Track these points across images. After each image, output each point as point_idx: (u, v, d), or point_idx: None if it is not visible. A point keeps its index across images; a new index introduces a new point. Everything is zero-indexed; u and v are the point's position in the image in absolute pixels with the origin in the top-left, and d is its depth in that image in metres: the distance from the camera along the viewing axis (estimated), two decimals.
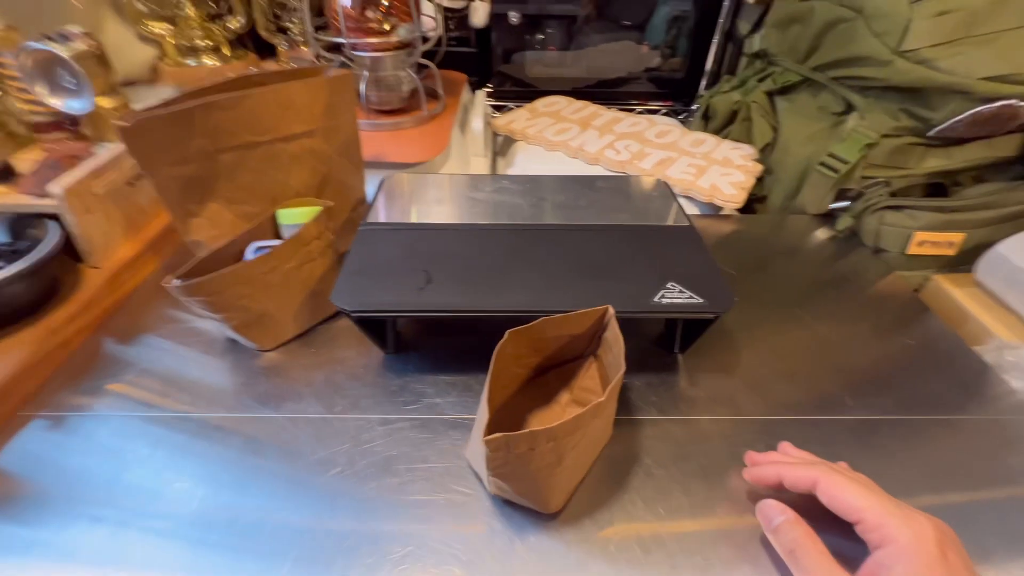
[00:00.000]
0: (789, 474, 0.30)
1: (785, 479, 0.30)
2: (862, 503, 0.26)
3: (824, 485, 0.28)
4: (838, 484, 0.27)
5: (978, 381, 0.42)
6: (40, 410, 0.38)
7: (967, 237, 0.54)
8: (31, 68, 0.50)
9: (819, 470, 0.29)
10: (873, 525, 0.26)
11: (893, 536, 0.25)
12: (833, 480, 0.28)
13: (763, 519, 0.30)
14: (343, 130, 0.49)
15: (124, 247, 0.51)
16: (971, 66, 0.49)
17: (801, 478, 0.29)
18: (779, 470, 0.30)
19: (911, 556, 0.24)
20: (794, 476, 0.30)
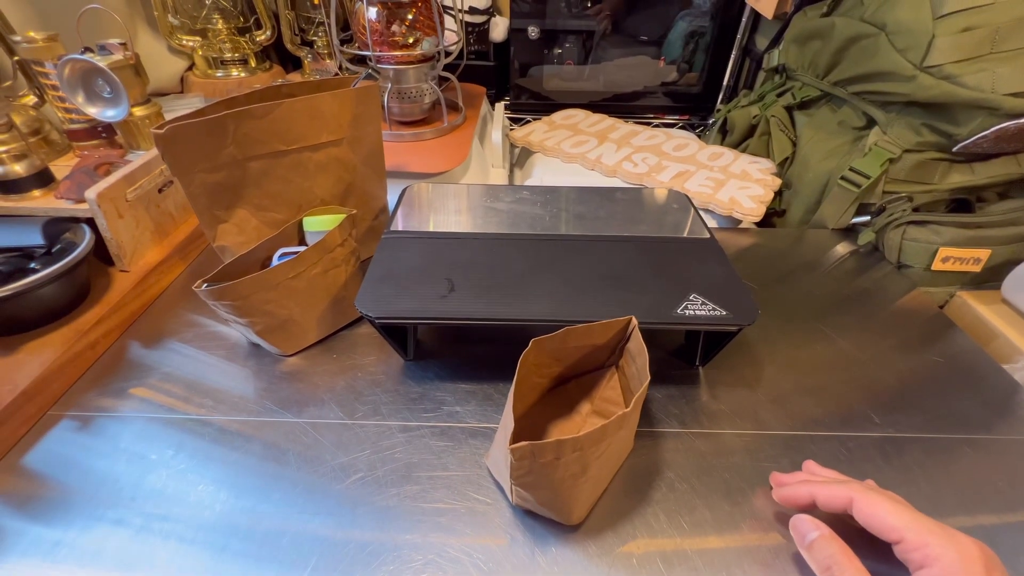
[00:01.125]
0: (822, 493, 0.29)
1: (818, 498, 0.29)
2: (902, 522, 0.26)
3: (861, 504, 0.27)
4: (875, 502, 0.27)
5: (1008, 400, 0.41)
6: (68, 410, 0.39)
7: (993, 253, 0.53)
8: (70, 78, 0.52)
9: (853, 488, 0.28)
10: (915, 545, 0.25)
11: (937, 555, 0.24)
12: (870, 498, 0.27)
13: (797, 535, 0.29)
14: (368, 140, 0.49)
15: (152, 251, 0.52)
16: (996, 82, 0.48)
17: (835, 497, 0.28)
18: (811, 489, 0.30)
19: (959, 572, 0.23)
20: (828, 495, 0.29)
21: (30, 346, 0.41)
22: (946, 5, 0.50)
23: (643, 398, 0.30)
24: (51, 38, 0.54)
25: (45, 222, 0.45)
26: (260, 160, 0.43)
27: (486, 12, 0.91)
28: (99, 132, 0.58)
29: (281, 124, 0.43)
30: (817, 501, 0.29)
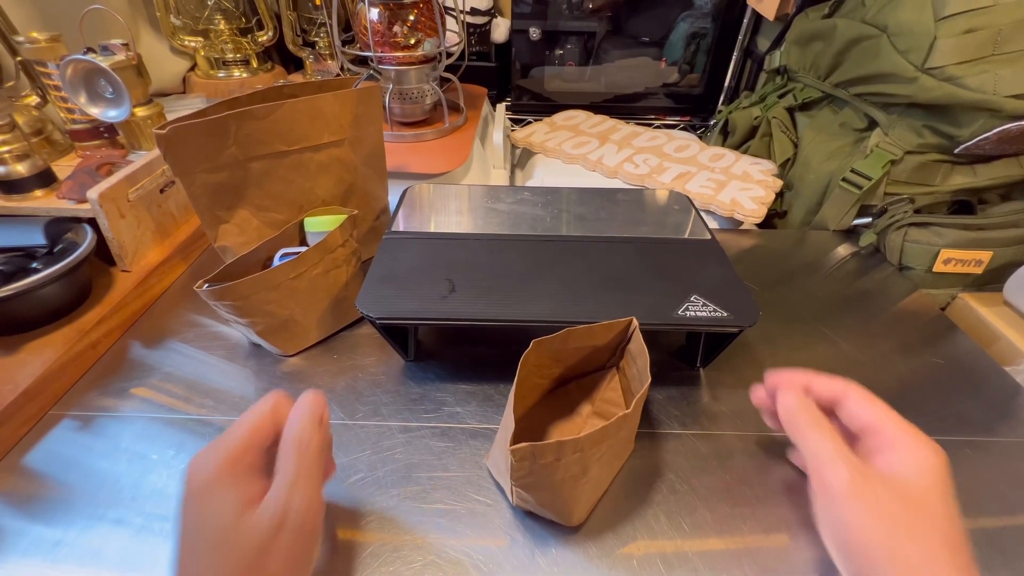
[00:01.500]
0: (819, 380, 0.30)
1: (813, 385, 0.30)
2: (889, 417, 0.27)
3: (857, 394, 0.28)
4: (870, 397, 0.28)
5: (1010, 402, 0.41)
6: (69, 410, 0.39)
7: (994, 255, 0.53)
8: (72, 78, 0.52)
9: (851, 382, 0.29)
10: (891, 439, 0.27)
11: (912, 445, 0.26)
12: (865, 392, 0.28)
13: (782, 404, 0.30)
14: (369, 140, 0.50)
15: (154, 251, 0.52)
16: (998, 84, 0.48)
17: (831, 386, 0.29)
18: (808, 377, 0.30)
19: (925, 468, 0.25)
20: (823, 383, 0.30)
21: (31, 346, 0.41)
22: (948, 7, 0.50)
23: (644, 399, 0.30)
24: (54, 38, 0.54)
25: (47, 222, 0.45)
26: (261, 160, 0.43)
27: (487, 13, 0.91)
28: (101, 132, 0.58)
29: (283, 125, 0.43)
30: (813, 386, 0.30)
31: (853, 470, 0.25)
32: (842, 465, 0.25)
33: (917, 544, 0.23)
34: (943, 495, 0.25)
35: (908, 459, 0.26)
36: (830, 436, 0.27)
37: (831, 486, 0.25)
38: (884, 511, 0.24)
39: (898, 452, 0.26)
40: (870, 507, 0.24)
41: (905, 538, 0.23)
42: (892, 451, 0.26)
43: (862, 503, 0.24)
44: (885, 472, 0.26)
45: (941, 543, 0.24)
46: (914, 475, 0.25)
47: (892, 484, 0.25)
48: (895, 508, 0.24)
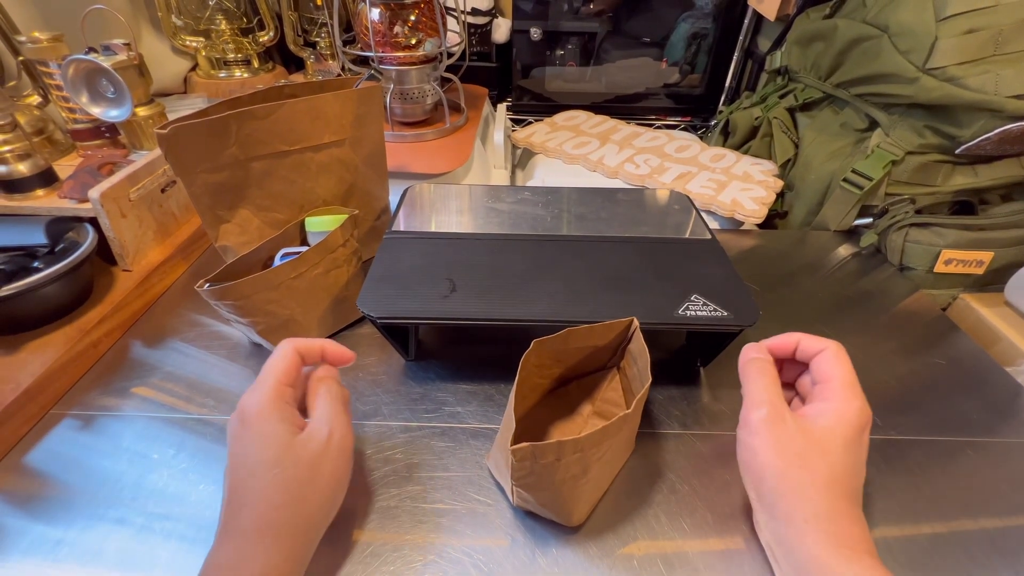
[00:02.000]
0: (808, 338, 0.32)
1: (802, 341, 0.32)
2: (842, 374, 0.30)
3: (832, 351, 0.31)
4: (842, 356, 0.30)
5: (1011, 403, 0.41)
6: (70, 409, 0.39)
7: (996, 256, 0.53)
8: (74, 78, 0.52)
9: (834, 343, 0.31)
10: (832, 391, 0.29)
11: (842, 399, 0.29)
12: (840, 352, 0.31)
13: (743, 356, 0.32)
14: (370, 140, 0.50)
15: (155, 251, 0.52)
16: (1000, 84, 0.48)
17: (817, 344, 0.31)
18: (800, 336, 0.32)
19: (842, 419, 0.28)
20: (811, 341, 0.32)
21: (33, 345, 0.41)
22: (949, 7, 0.50)
23: (644, 399, 0.30)
24: (55, 38, 0.54)
25: (48, 221, 0.45)
26: (262, 160, 0.44)
27: (488, 13, 0.91)
28: (103, 132, 0.58)
29: (283, 124, 0.43)
30: (800, 343, 0.32)
31: (772, 409, 0.28)
32: (765, 405, 0.29)
33: (807, 471, 0.27)
34: (847, 444, 0.27)
35: (832, 408, 0.28)
36: (766, 383, 0.30)
37: (750, 420, 0.29)
38: (787, 443, 0.28)
39: (828, 402, 0.29)
40: (776, 439, 0.28)
41: (797, 464, 0.27)
42: (824, 401, 0.29)
43: (770, 435, 0.28)
44: (807, 415, 0.29)
45: (829, 476, 0.26)
46: (830, 422, 0.28)
47: (805, 426, 0.28)
48: (798, 442, 0.27)
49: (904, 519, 0.33)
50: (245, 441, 0.28)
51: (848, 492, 0.27)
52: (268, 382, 0.29)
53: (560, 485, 0.28)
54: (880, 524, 0.32)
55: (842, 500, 0.26)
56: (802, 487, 0.27)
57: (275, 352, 0.30)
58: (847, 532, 0.26)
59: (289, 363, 0.30)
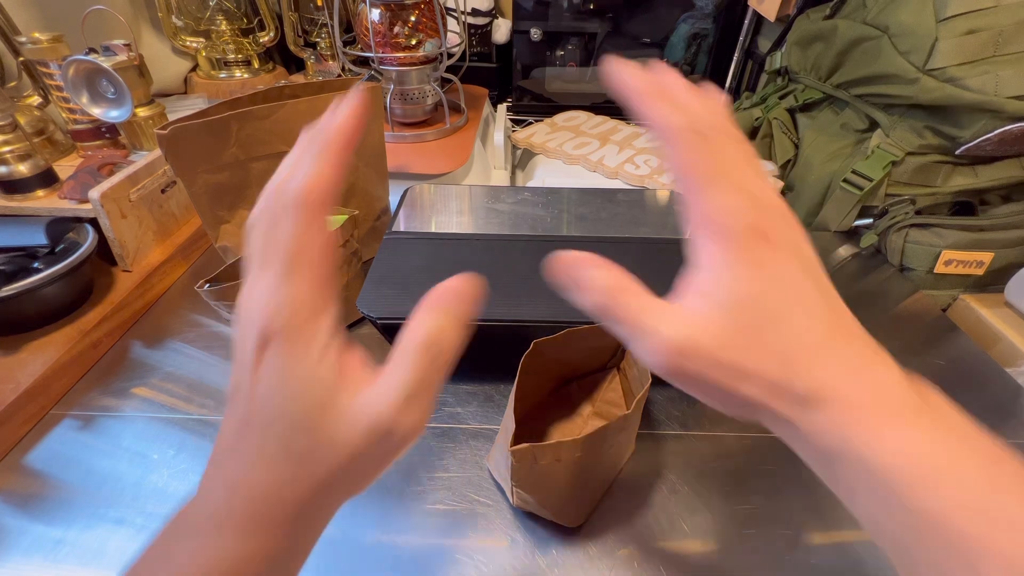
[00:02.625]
0: (653, 100, 0.18)
1: (644, 102, 0.18)
2: (712, 173, 0.17)
3: (683, 132, 0.17)
4: (704, 143, 0.17)
5: (1011, 403, 0.41)
6: (70, 409, 0.39)
7: (996, 256, 0.53)
8: (74, 78, 0.52)
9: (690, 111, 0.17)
10: (700, 219, 0.17)
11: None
12: (703, 135, 0.17)
13: (572, 272, 0.19)
14: (370, 141, 0.50)
15: (155, 251, 0.52)
16: (1000, 85, 0.48)
17: (665, 116, 0.17)
18: (646, 87, 0.18)
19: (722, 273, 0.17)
20: (656, 104, 0.18)
21: (33, 345, 0.41)
22: (949, 8, 0.50)
23: (644, 400, 0.30)
24: (56, 39, 0.54)
25: (49, 222, 0.45)
26: (263, 161, 0.44)
27: (488, 14, 0.91)
28: (103, 132, 0.58)
29: (284, 125, 0.43)
30: (641, 104, 0.18)
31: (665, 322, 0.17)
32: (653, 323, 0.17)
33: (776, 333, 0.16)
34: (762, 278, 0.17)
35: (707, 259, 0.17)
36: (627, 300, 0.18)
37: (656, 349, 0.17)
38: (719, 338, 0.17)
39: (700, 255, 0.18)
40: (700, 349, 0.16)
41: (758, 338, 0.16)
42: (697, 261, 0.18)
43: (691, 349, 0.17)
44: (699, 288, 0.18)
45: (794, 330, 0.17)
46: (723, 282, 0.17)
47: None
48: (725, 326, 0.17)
49: None
50: (263, 375, 0.16)
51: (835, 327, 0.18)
52: (305, 270, 0.16)
53: (560, 486, 0.28)
54: None
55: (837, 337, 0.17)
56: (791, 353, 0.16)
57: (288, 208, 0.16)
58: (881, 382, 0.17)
59: (324, 234, 0.17)
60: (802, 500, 0.34)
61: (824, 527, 0.32)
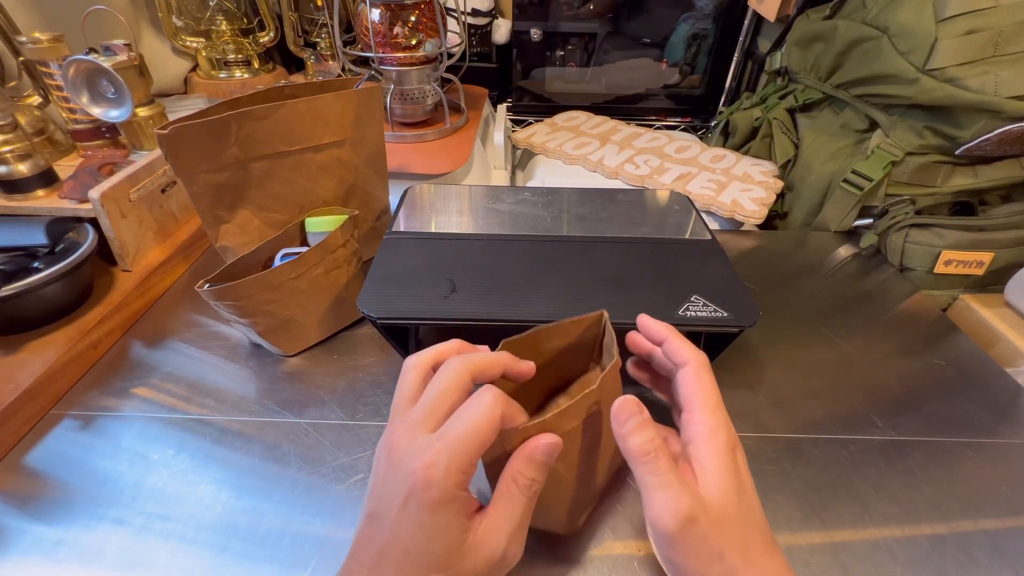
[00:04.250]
0: (677, 339, 0.29)
1: (670, 341, 0.29)
2: (709, 400, 0.27)
3: (698, 368, 0.28)
4: (710, 379, 0.27)
5: (1011, 403, 0.41)
6: (70, 409, 0.39)
7: (996, 257, 0.53)
8: (74, 78, 0.52)
9: (701, 356, 0.28)
10: (699, 418, 0.26)
11: (712, 426, 0.26)
12: (709, 372, 0.28)
13: (618, 417, 0.26)
14: (370, 141, 0.50)
15: (155, 251, 0.52)
16: (999, 85, 0.48)
17: (682, 352, 0.28)
18: (671, 332, 0.30)
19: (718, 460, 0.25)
20: (681, 343, 0.29)
21: (33, 345, 0.41)
22: (949, 8, 0.50)
23: (615, 378, 0.29)
24: (56, 39, 0.54)
25: (49, 222, 0.45)
26: (263, 161, 0.44)
27: (488, 14, 0.91)
28: (103, 132, 0.58)
29: (284, 125, 0.43)
30: (667, 342, 0.30)
31: (688, 504, 0.24)
32: (680, 500, 0.24)
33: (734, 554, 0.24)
34: (738, 496, 0.25)
35: (703, 470, 0.25)
36: (666, 464, 0.25)
37: (664, 525, 0.24)
38: (711, 542, 0.24)
39: (698, 458, 0.26)
40: (698, 544, 0.24)
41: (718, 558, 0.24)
42: (694, 456, 0.26)
43: (692, 541, 0.24)
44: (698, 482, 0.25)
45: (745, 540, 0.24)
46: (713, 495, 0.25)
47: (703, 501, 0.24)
48: (714, 538, 0.24)
49: (904, 519, 0.33)
50: (409, 515, 0.22)
51: (765, 533, 0.25)
52: (460, 448, 0.22)
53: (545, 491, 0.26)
54: (880, 524, 0.32)
55: (765, 550, 0.24)
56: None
57: (482, 406, 0.23)
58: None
59: (488, 436, 0.23)
60: (800, 500, 0.34)
61: (820, 527, 0.32)
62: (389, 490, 0.23)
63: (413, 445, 0.23)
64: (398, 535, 0.22)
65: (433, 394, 0.24)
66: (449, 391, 0.24)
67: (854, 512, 0.33)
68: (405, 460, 0.23)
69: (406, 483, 0.22)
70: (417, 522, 0.22)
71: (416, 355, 0.27)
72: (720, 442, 0.25)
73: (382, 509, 0.23)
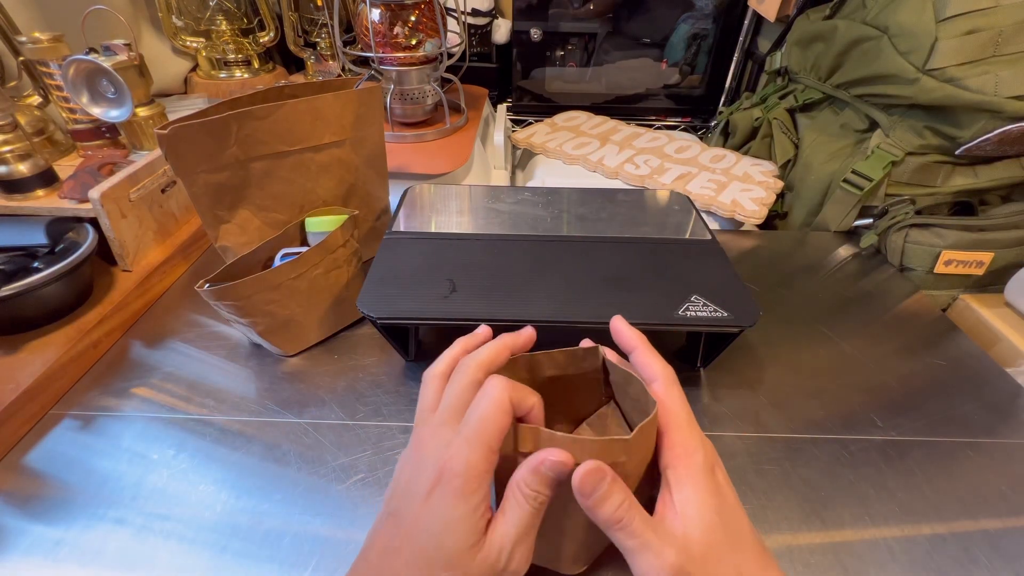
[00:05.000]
0: (647, 351, 0.28)
1: (636, 354, 0.29)
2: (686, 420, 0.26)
3: (667, 384, 0.27)
4: (680, 394, 0.27)
5: (1011, 404, 0.41)
6: (70, 409, 0.39)
7: (996, 257, 0.53)
8: (74, 78, 0.52)
9: (669, 371, 0.27)
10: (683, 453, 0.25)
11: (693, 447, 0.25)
12: (678, 387, 0.27)
13: (585, 484, 0.23)
14: (370, 141, 0.50)
15: (155, 251, 0.52)
16: (999, 85, 0.48)
17: (651, 364, 0.28)
18: (641, 342, 0.29)
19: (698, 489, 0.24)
20: (650, 356, 0.28)
21: (32, 345, 0.41)
22: (949, 8, 0.50)
23: (649, 435, 0.25)
24: (56, 39, 0.54)
25: (49, 221, 0.45)
26: (263, 161, 0.44)
27: (488, 14, 0.91)
28: (103, 132, 0.58)
29: (284, 125, 0.43)
30: (635, 354, 0.29)
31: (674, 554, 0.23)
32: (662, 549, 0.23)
33: None
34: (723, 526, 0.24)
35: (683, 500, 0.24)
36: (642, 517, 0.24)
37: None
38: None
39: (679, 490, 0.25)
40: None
41: None
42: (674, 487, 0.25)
43: None
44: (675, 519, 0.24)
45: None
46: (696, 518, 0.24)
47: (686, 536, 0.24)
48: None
49: (904, 519, 0.33)
50: (432, 507, 0.23)
51: (757, 551, 0.25)
52: (485, 439, 0.23)
53: (548, 526, 0.25)
54: (880, 524, 0.32)
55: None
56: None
57: (489, 395, 0.24)
58: None
59: (508, 421, 0.23)
60: (800, 500, 0.34)
61: (820, 527, 0.32)
62: (414, 487, 0.24)
63: (439, 443, 0.24)
64: (415, 530, 0.23)
65: (451, 396, 0.26)
66: (464, 389, 0.25)
67: (854, 512, 0.33)
68: (432, 456, 0.24)
69: (432, 475, 0.23)
70: (438, 514, 0.23)
71: (431, 367, 0.28)
72: (698, 463, 0.25)
73: (404, 505, 0.24)
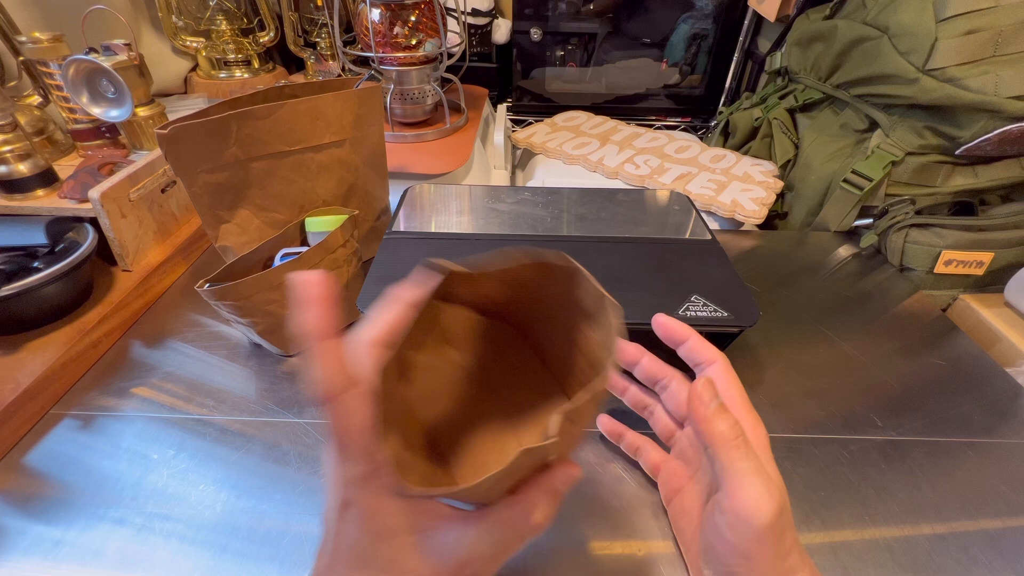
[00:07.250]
0: (699, 339, 0.30)
1: (692, 340, 0.30)
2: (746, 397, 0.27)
3: (727, 364, 0.28)
4: (736, 381, 0.27)
5: (1011, 404, 0.41)
6: (70, 409, 0.39)
7: (996, 257, 0.53)
8: (74, 78, 0.52)
9: (725, 357, 0.29)
10: (750, 427, 0.26)
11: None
12: (734, 375, 0.28)
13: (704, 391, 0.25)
14: (370, 141, 0.50)
15: (155, 251, 0.52)
16: (999, 85, 0.48)
17: (705, 352, 0.29)
18: (691, 333, 0.30)
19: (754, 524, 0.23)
20: (702, 344, 0.29)
21: (32, 345, 0.41)
22: (949, 8, 0.50)
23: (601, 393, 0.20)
24: (56, 39, 0.54)
25: (49, 221, 0.45)
26: (263, 160, 0.44)
27: (489, 14, 0.91)
28: (103, 132, 0.58)
29: (284, 125, 0.43)
30: (690, 341, 0.30)
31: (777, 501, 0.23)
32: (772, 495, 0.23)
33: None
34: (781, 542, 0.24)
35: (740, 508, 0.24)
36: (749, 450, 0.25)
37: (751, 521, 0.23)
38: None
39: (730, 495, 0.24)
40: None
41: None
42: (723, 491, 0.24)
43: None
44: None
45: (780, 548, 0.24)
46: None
47: None
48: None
49: (904, 519, 0.33)
50: (343, 528, 0.21)
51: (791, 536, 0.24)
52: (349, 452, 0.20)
53: None
54: (880, 524, 0.32)
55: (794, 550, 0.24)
56: None
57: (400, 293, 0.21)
58: None
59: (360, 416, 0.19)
60: (800, 500, 0.34)
61: (820, 527, 0.32)
62: (330, 506, 0.22)
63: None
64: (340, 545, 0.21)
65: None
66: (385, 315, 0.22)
67: (854, 512, 0.33)
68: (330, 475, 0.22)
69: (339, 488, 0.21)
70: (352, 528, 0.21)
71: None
72: (763, 436, 0.26)
73: (328, 519, 0.22)
